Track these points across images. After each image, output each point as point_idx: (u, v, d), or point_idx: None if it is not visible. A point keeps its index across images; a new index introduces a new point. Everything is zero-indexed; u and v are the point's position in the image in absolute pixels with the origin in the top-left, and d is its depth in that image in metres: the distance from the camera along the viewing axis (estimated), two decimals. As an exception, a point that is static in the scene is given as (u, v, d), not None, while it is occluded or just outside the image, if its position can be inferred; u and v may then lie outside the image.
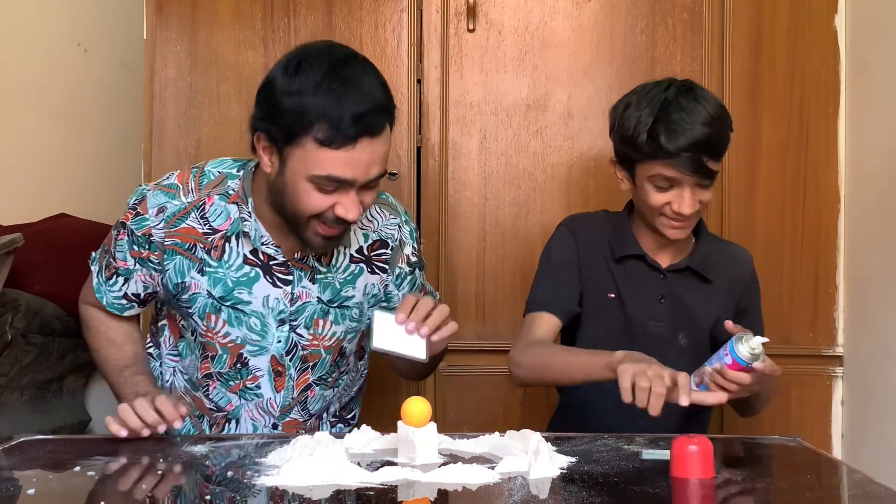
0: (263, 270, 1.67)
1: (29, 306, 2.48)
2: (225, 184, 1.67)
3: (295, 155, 1.51)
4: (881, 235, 2.18)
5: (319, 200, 1.53)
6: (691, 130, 1.63)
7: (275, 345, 1.70)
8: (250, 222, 1.64)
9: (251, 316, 1.68)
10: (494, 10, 2.36)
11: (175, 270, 1.67)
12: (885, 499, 1.21)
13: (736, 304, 1.81)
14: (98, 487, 1.29)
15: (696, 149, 1.63)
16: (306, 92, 1.48)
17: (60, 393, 2.61)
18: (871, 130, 2.25)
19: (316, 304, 1.70)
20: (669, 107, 1.66)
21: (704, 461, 1.25)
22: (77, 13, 3.14)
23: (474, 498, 1.20)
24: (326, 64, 1.50)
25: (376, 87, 1.53)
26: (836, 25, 2.34)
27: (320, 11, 2.36)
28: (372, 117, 1.49)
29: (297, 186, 1.53)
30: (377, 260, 1.74)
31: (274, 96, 1.51)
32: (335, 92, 1.48)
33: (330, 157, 1.49)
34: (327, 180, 1.50)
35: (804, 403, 2.34)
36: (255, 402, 1.75)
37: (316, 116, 1.47)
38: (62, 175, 3.06)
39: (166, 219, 1.65)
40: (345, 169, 1.50)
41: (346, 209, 1.53)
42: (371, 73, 1.54)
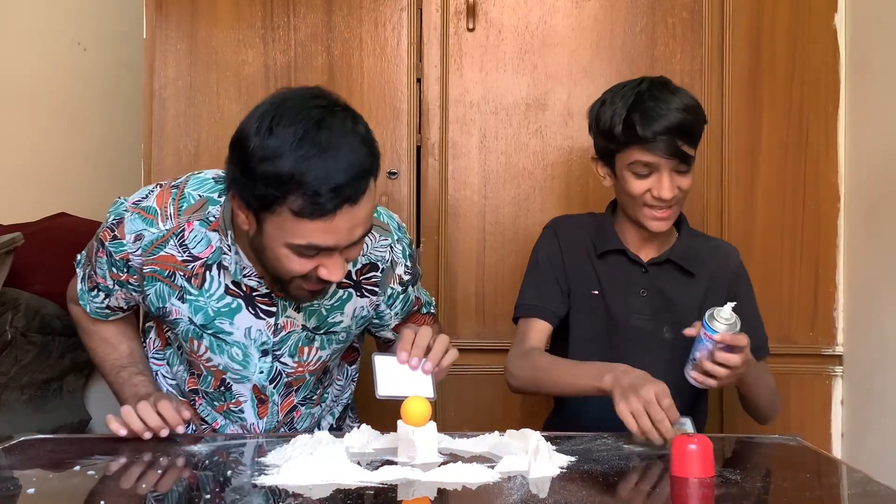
0: (246, 301, 1.59)
1: (29, 305, 2.48)
2: (205, 209, 1.57)
3: (271, 221, 1.40)
4: (881, 234, 2.18)
5: (300, 265, 1.43)
6: (665, 116, 1.70)
7: (256, 375, 1.65)
8: (230, 256, 1.56)
9: (233, 346, 1.63)
10: (494, 9, 2.36)
11: (156, 295, 1.62)
12: (884, 498, 1.21)
13: (724, 296, 1.79)
14: (98, 487, 1.29)
15: (670, 132, 1.69)
16: (280, 158, 1.34)
17: (60, 392, 2.61)
18: (870, 129, 2.25)
19: (300, 331, 1.63)
20: (643, 96, 1.73)
21: (704, 460, 1.25)
22: (77, 12, 3.14)
23: (474, 497, 1.20)
24: (302, 126, 1.36)
25: (357, 148, 1.39)
26: (836, 24, 2.34)
27: (320, 10, 2.35)
28: (352, 187, 1.37)
29: (277, 251, 1.43)
30: (367, 283, 1.66)
31: (246, 159, 1.38)
32: (311, 161, 1.34)
33: (308, 227, 1.38)
34: (306, 248, 1.41)
35: (804, 403, 2.34)
36: (238, 424, 1.71)
37: (290, 188, 1.35)
38: (62, 174, 3.06)
39: (144, 247, 1.58)
40: (325, 237, 1.39)
41: (329, 272, 1.44)
42: (350, 130, 1.40)
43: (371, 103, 2.35)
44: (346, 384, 1.85)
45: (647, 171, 1.73)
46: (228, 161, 1.43)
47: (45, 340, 2.53)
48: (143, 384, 1.69)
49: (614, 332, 1.82)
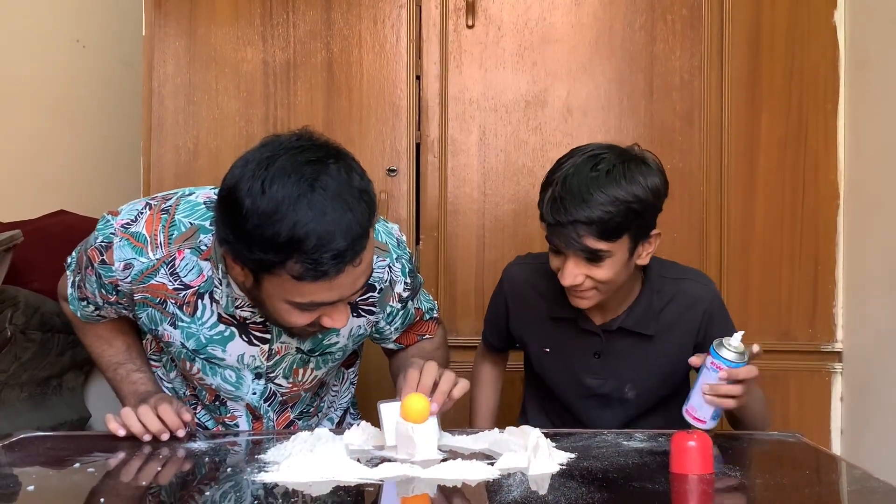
0: (239, 329, 1.55)
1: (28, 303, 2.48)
2: (197, 237, 1.51)
3: (270, 281, 1.34)
4: (880, 231, 2.18)
5: (302, 318, 1.39)
6: (568, 209, 1.55)
7: (249, 395, 1.64)
8: (221, 290, 1.51)
9: (226, 369, 1.60)
10: (493, 6, 2.36)
11: (148, 319, 1.58)
12: (883, 494, 1.21)
13: (692, 344, 1.74)
14: (98, 484, 1.29)
15: (571, 224, 1.55)
16: (276, 223, 1.27)
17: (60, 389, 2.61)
18: (869, 126, 2.25)
19: (295, 353, 1.60)
20: (568, 178, 1.58)
21: (703, 457, 1.26)
22: (76, 10, 3.13)
23: (474, 494, 1.20)
24: (296, 187, 1.28)
25: (354, 207, 1.31)
26: (836, 21, 2.34)
27: (319, 7, 2.35)
28: (353, 250, 1.30)
29: (276, 306, 1.38)
30: (364, 304, 1.61)
31: (240, 223, 1.30)
32: (308, 226, 1.27)
33: (309, 288, 1.33)
34: (309, 305, 1.36)
35: (803, 399, 2.34)
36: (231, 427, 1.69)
37: (290, 255, 1.29)
38: (61, 172, 3.06)
39: (133, 276, 1.52)
40: (328, 295, 1.35)
41: (333, 320, 1.40)
42: (346, 185, 1.31)
43: (370, 100, 2.35)
44: (344, 389, 1.83)
45: (556, 251, 1.63)
46: (219, 220, 1.35)
47: (45, 338, 2.52)
48: (141, 381, 1.68)
49: (570, 388, 1.79)
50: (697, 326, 1.73)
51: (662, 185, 1.63)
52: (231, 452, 1.45)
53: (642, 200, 1.57)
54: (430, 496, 1.20)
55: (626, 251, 1.59)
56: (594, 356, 1.75)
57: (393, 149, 2.34)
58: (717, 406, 1.50)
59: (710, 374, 1.49)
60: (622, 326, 1.72)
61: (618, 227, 1.55)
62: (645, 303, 1.72)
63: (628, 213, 1.56)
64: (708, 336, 1.70)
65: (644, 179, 1.58)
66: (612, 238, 1.56)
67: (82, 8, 3.14)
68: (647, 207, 1.59)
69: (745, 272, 2.34)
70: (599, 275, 1.59)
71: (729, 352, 1.48)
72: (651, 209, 1.61)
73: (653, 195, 1.60)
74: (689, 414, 1.52)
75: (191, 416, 1.55)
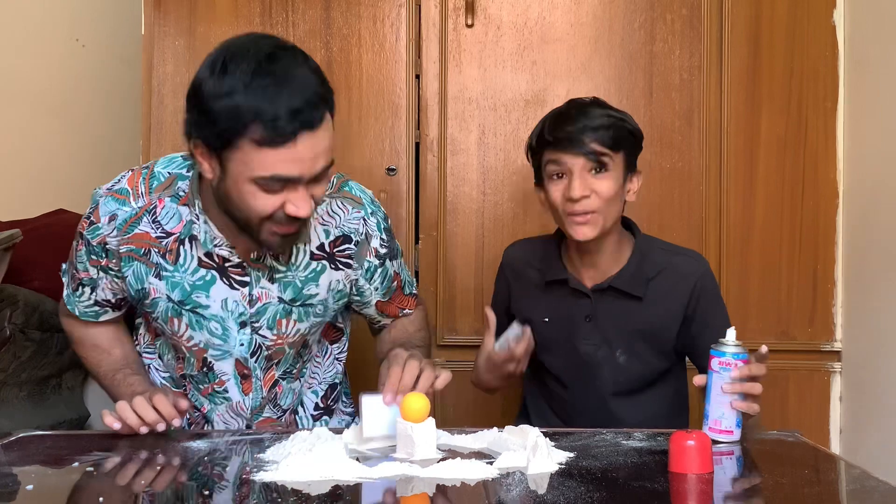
0: (219, 273, 1.62)
1: (27, 302, 2.48)
2: (175, 185, 1.61)
3: (234, 158, 1.42)
4: (879, 230, 2.18)
5: (267, 201, 1.44)
6: (576, 118, 1.74)
7: (237, 348, 1.67)
8: (199, 224, 1.59)
9: (211, 320, 1.65)
10: (493, 6, 2.36)
11: (134, 277, 1.64)
12: (882, 493, 1.21)
13: (680, 317, 1.80)
14: (97, 483, 1.29)
15: (579, 131, 1.72)
16: (236, 93, 1.38)
17: (59, 389, 2.61)
18: (869, 125, 2.25)
19: (277, 304, 1.65)
20: (563, 109, 1.79)
21: (703, 456, 1.26)
22: (75, 8, 3.13)
23: (473, 493, 1.20)
24: (254, 60, 1.40)
25: (309, 77, 1.43)
26: (835, 20, 2.34)
27: (318, 6, 2.35)
28: (309, 111, 1.40)
29: (242, 189, 1.44)
30: (340, 256, 1.68)
31: (203, 101, 1.41)
32: (266, 90, 1.38)
33: (270, 156, 1.40)
34: (271, 180, 1.42)
35: (802, 399, 2.35)
36: (224, 405, 1.73)
37: (250, 117, 1.38)
38: (60, 171, 3.06)
39: (118, 226, 1.61)
40: (288, 167, 1.41)
41: (296, 207, 1.45)
42: (302, 62, 1.44)
43: (370, 99, 2.35)
44: (328, 363, 1.85)
45: (559, 172, 1.74)
46: (186, 111, 1.46)
47: (44, 337, 2.52)
48: (138, 383, 1.69)
49: (568, 357, 1.84)
50: (687, 300, 1.79)
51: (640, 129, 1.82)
52: (230, 451, 1.45)
53: (631, 124, 1.78)
54: (429, 495, 1.20)
55: (622, 170, 1.75)
56: (586, 320, 1.81)
57: (392, 148, 2.34)
58: (741, 408, 1.47)
59: (720, 375, 1.48)
60: (612, 286, 1.79)
61: (617, 137, 1.73)
62: (635, 266, 1.80)
63: (623, 129, 1.75)
64: (697, 311, 1.79)
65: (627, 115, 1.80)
66: (613, 147, 1.73)
67: (81, 7, 3.14)
68: (636, 132, 1.78)
69: (745, 271, 2.34)
70: (603, 187, 1.72)
71: (729, 346, 1.48)
72: (638, 139, 1.80)
73: (637, 129, 1.80)
74: (713, 430, 1.47)
75: (188, 405, 1.57)
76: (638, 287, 1.79)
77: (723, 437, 1.47)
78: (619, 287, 1.79)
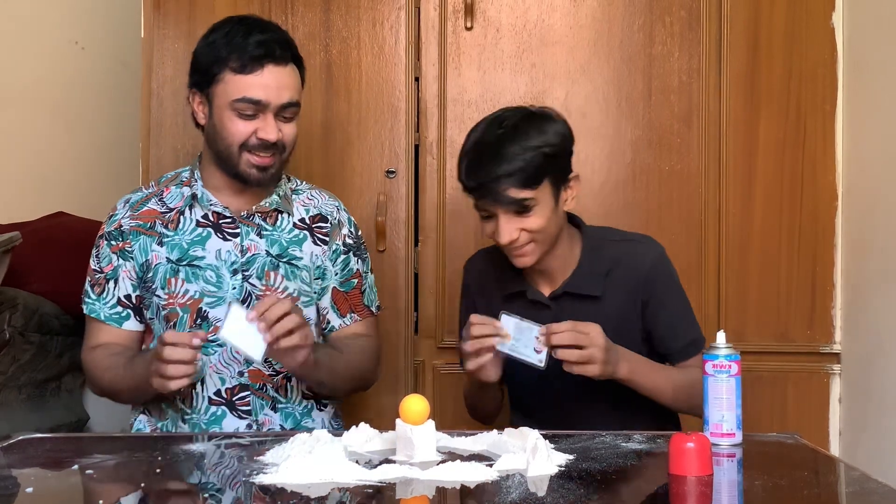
0: (214, 229, 1.84)
1: (27, 305, 2.48)
2: (179, 175, 1.92)
3: (217, 91, 1.76)
4: (878, 232, 2.18)
5: (242, 126, 1.75)
6: (486, 165, 1.65)
7: (230, 292, 1.80)
8: (197, 185, 1.85)
9: (206, 269, 1.82)
10: (492, 8, 2.36)
11: (139, 250, 1.84)
12: (882, 495, 1.21)
13: (638, 304, 1.77)
14: (96, 486, 1.29)
15: (492, 180, 1.64)
16: (218, 39, 1.77)
17: (59, 391, 2.61)
18: (868, 128, 2.25)
19: (265, 256, 1.83)
20: (478, 142, 1.70)
21: (702, 458, 1.26)
22: (74, 11, 3.14)
23: (472, 496, 1.20)
24: (236, 20, 1.80)
25: (279, 30, 1.82)
26: (834, 23, 2.34)
27: (318, 9, 2.36)
28: (273, 45, 1.75)
29: (223, 117, 1.76)
30: (318, 232, 1.89)
31: (195, 56, 1.81)
32: (241, 30, 1.76)
33: (243, 82, 1.73)
34: (244, 102, 1.74)
35: (801, 401, 2.34)
36: (217, 354, 1.79)
37: (227, 52, 1.74)
38: (60, 173, 3.06)
39: (131, 205, 1.88)
40: (257, 91, 1.73)
41: (265, 132, 1.75)
42: (278, 29, 1.83)
43: (369, 102, 2.35)
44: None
45: (486, 214, 1.71)
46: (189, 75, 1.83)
47: (44, 340, 2.53)
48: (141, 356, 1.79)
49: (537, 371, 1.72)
50: (642, 287, 1.77)
51: (568, 131, 1.75)
52: (230, 454, 1.45)
53: (553, 144, 1.68)
54: (429, 498, 1.20)
55: (551, 196, 1.69)
56: None
57: (392, 150, 2.34)
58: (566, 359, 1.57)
59: (715, 379, 1.48)
60: (567, 291, 1.77)
61: (536, 172, 1.65)
62: (587, 265, 1.78)
63: (543, 158, 1.66)
64: (653, 298, 1.76)
65: (550, 127, 1.71)
66: (533, 185, 1.65)
67: (81, 9, 3.14)
68: (559, 150, 1.70)
69: (744, 273, 2.34)
70: (532, 224, 1.68)
71: (721, 349, 1.48)
72: (563, 152, 1.72)
73: (562, 139, 1.71)
74: (714, 434, 1.47)
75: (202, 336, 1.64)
76: (594, 286, 1.77)
77: (725, 440, 1.47)
78: (575, 291, 1.77)
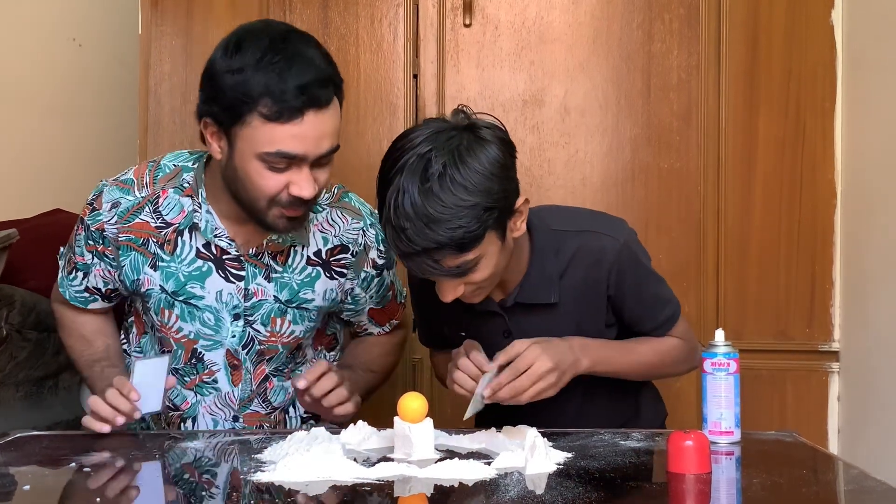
0: (216, 265, 1.63)
1: (24, 302, 2.47)
2: (180, 177, 1.64)
3: (242, 135, 1.47)
4: (877, 231, 2.18)
5: (272, 181, 1.48)
6: (410, 240, 1.38)
7: (229, 339, 1.67)
8: (201, 213, 1.61)
9: (204, 311, 1.65)
10: (491, 5, 2.36)
11: (130, 267, 1.66)
12: (881, 493, 1.21)
13: (603, 299, 1.60)
14: (94, 483, 1.29)
15: (421, 260, 1.41)
16: (247, 69, 1.44)
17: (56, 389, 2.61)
18: (867, 126, 2.25)
19: (273, 302, 1.66)
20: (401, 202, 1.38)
21: (700, 456, 1.25)
22: (71, 8, 3.13)
23: (470, 493, 1.20)
24: (266, 39, 1.46)
25: (319, 58, 1.49)
26: (833, 21, 2.34)
27: (316, 6, 2.35)
28: (316, 88, 1.45)
29: (248, 167, 1.48)
30: (336, 265, 1.68)
31: (215, 78, 1.48)
32: (277, 65, 1.44)
33: (277, 132, 1.44)
34: (277, 157, 1.46)
35: (800, 399, 2.34)
36: (212, 396, 1.71)
37: (259, 92, 1.43)
38: (57, 170, 3.05)
39: (119, 214, 1.64)
40: (293, 144, 1.45)
41: (300, 188, 1.48)
42: (313, 45, 1.51)
43: (367, 99, 2.35)
44: None
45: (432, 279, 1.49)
46: (200, 94, 1.52)
47: (41, 337, 2.52)
48: (115, 376, 1.65)
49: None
50: (605, 283, 1.58)
51: (504, 152, 1.44)
52: (228, 452, 1.44)
53: (490, 192, 1.39)
54: (427, 496, 1.20)
55: (496, 241, 1.44)
56: (504, 336, 1.60)
57: (390, 148, 2.34)
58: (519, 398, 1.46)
59: (713, 377, 1.47)
60: (518, 301, 1.58)
61: (475, 233, 1.39)
62: (538, 270, 1.57)
63: (481, 215, 1.38)
64: (618, 289, 1.58)
65: (483, 162, 1.40)
66: (473, 246, 1.40)
67: (78, 6, 3.13)
68: (498, 194, 1.40)
69: (743, 272, 2.34)
70: (477, 278, 1.45)
71: (720, 347, 1.47)
72: (502, 192, 1.41)
73: (500, 172, 1.41)
74: (713, 433, 1.45)
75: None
76: (545, 293, 1.58)
77: (724, 438, 1.46)
78: (526, 301, 1.58)
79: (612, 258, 1.57)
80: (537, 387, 1.48)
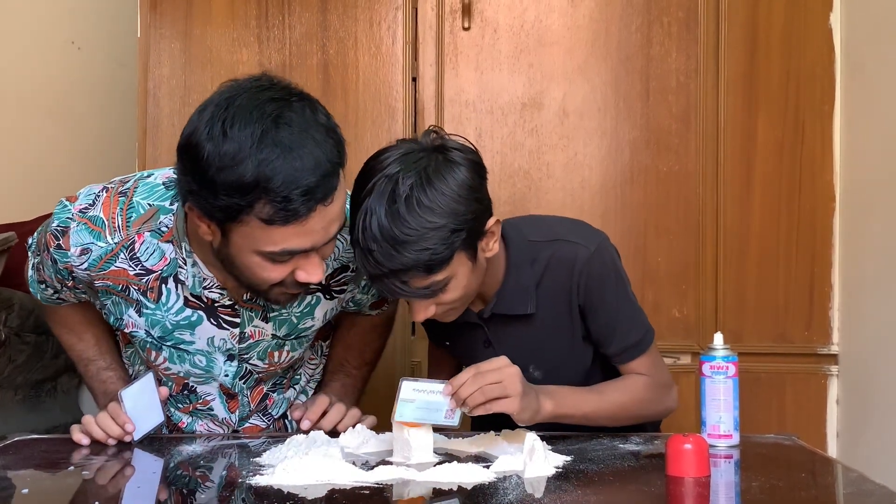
0: (207, 313, 1.50)
1: (23, 305, 2.48)
2: (157, 219, 1.45)
3: (239, 231, 1.29)
4: (876, 233, 2.18)
5: (276, 272, 1.33)
6: (383, 258, 1.36)
7: (222, 377, 1.59)
8: (186, 269, 1.45)
9: (195, 354, 1.55)
10: (489, 8, 2.36)
11: (113, 305, 1.52)
12: (879, 497, 1.21)
13: (575, 307, 1.58)
14: (92, 487, 1.29)
15: (390, 283, 1.40)
16: (241, 164, 1.23)
17: (54, 392, 2.61)
18: (866, 128, 2.25)
19: (270, 339, 1.56)
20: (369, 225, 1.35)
21: (699, 460, 1.25)
22: (71, 11, 3.13)
23: (469, 497, 1.20)
24: (259, 125, 1.25)
25: (322, 143, 1.28)
26: (832, 24, 2.34)
27: (315, 9, 2.35)
28: (323, 187, 1.27)
29: (248, 260, 1.33)
30: (336, 286, 1.59)
31: (203, 168, 1.26)
32: (275, 163, 1.23)
33: (279, 233, 1.28)
34: (281, 254, 1.31)
35: (799, 402, 2.34)
36: (209, 419, 1.66)
37: (257, 195, 1.24)
38: (56, 173, 3.05)
39: (92, 262, 1.46)
40: (299, 241, 1.30)
41: (308, 274, 1.34)
42: (312, 122, 1.29)
43: (366, 102, 2.35)
44: (321, 361, 1.79)
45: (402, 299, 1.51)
46: (180, 171, 1.31)
47: (40, 340, 2.52)
48: (111, 381, 1.65)
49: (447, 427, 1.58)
50: (575, 292, 1.55)
51: (473, 174, 1.43)
52: (226, 456, 1.44)
53: (457, 214, 1.38)
54: (426, 499, 1.20)
55: (466, 262, 1.43)
56: (485, 345, 1.60)
57: (389, 151, 2.34)
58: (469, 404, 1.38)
59: (712, 380, 1.47)
60: (495, 312, 1.57)
61: (442, 255, 1.38)
62: (514, 281, 1.55)
63: (448, 237, 1.37)
64: (586, 299, 1.55)
65: (451, 184, 1.39)
66: (441, 268, 1.39)
67: (77, 9, 3.14)
68: (465, 216, 1.39)
69: (742, 274, 2.34)
70: (448, 298, 1.44)
71: (718, 350, 1.48)
72: (470, 214, 1.41)
73: (467, 194, 1.40)
74: (712, 436, 1.45)
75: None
76: (522, 304, 1.56)
77: (722, 441, 1.46)
78: (503, 312, 1.57)
79: (581, 266, 1.54)
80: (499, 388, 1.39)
